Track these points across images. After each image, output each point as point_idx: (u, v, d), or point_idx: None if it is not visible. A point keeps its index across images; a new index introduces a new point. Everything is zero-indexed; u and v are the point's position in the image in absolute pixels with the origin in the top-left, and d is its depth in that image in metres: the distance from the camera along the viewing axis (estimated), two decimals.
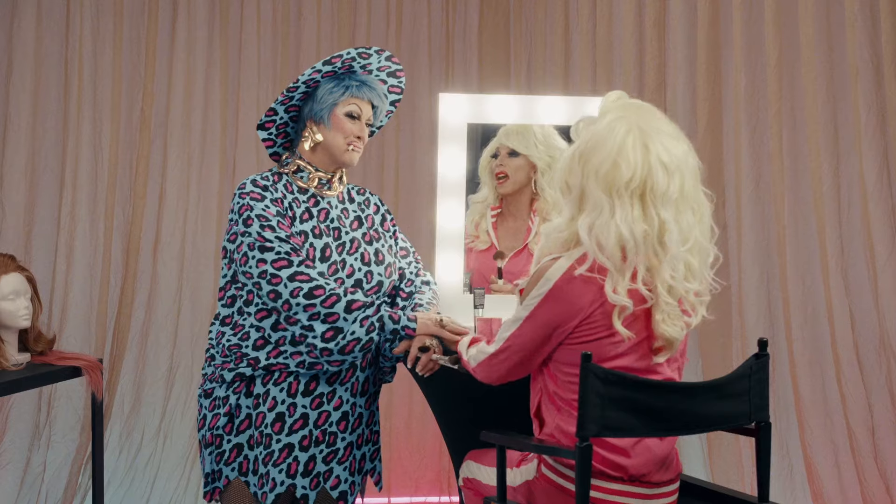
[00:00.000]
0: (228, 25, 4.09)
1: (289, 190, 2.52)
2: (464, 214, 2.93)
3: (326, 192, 2.56)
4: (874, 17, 3.68)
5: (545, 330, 2.08)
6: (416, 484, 4.12)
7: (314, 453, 2.48)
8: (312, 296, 2.34)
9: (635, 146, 2.01)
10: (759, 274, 3.85)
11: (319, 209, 2.54)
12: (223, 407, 2.47)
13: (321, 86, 2.51)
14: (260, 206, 2.42)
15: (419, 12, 4.20)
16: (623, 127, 2.03)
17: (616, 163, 2.00)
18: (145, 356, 4.00)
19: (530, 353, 2.13)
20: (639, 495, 2.10)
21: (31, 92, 3.96)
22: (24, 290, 3.01)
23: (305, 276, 2.36)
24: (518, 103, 2.95)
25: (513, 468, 2.25)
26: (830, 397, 3.74)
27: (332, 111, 2.50)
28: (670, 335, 2.04)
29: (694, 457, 3.87)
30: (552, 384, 2.14)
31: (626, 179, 1.99)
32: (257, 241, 2.38)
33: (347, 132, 2.51)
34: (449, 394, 2.71)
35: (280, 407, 2.45)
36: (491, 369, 2.21)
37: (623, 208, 2.00)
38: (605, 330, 2.04)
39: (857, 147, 3.73)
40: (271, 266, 2.36)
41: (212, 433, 2.48)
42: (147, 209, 4.03)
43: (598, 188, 2.01)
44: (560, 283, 2.04)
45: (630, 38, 3.98)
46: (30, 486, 3.81)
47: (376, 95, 2.56)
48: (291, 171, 2.55)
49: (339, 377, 2.50)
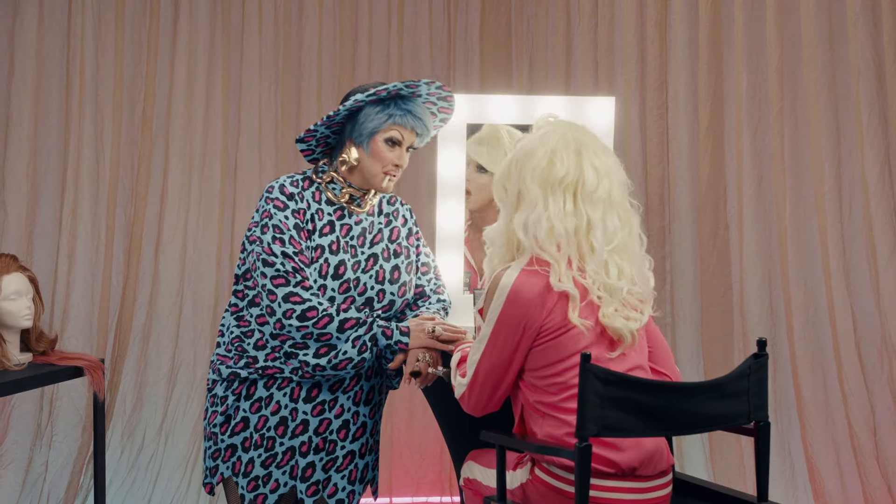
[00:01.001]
0: (230, 25, 4.10)
1: (316, 199, 2.48)
2: (463, 215, 2.93)
3: (355, 208, 2.52)
4: (876, 17, 3.68)
5: (514, 336, 2.11)
6: (418, 484, 4.12)
7: (313, 460, 2.49)
8: (305, 318, 2.35)
9: (568, 150, 2.15)
10: (761, 274, 3.85)
11: (342, 223, 2.50)
12: (220, 406, 2.48)
13: (365, 108, 2.44)
14: (279, 216, 2.40)
15: (420, 12, 4.20)
16: (556, 136, 2.18)
17: (551, 161, 2.14)
18: (147, 356, 4.00)
19: (503, 369, 2.15)
20: (633, 489, 2.11)
21: (33, 92, 3.96)
22: (25, 290, 3.01)
23: (298, 298, 2.35)
24: (518, 103, 2.94)
25: (509, 471, 2.25)
26: (832, 397, 3.74)
27: (373, 137, 2.44)
28: (615, 326, 2.10)
29: (695, 456, 3.87)
30: (532, 394, 2.16)
31: (561, 176, 2.12)
32: (264, 251, 2.38)
33: (386, 161, 2.45)
34: (449, 394, 2.70)
35: (283, 411, 2.46)
36: (471, 398, 2.22)
37: (556, 202, 2.12)
38: (563, 325, 2.09)
39: (859, 147, 3.73)
40: (270, 282, 2.36)
41: (209, 429, 2.50)
42: (148, 209, 4.03)
43: (535, 184, 2.13)
44: (516, 285, 2.10)
45: (631, 38, 3.98)
46: (31, 485, 3.82)
47: (421, 124, 2.47)
48: (325, 181, 2.50)
49: (341, 385, 2.51)
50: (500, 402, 2.22)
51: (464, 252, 2.99)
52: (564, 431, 2.08)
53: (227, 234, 4.09)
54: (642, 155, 3.98)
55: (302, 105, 4.13)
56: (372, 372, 2.58)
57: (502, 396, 2.20)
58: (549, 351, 2.10)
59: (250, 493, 2.47)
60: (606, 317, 2.10)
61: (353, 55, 4.15)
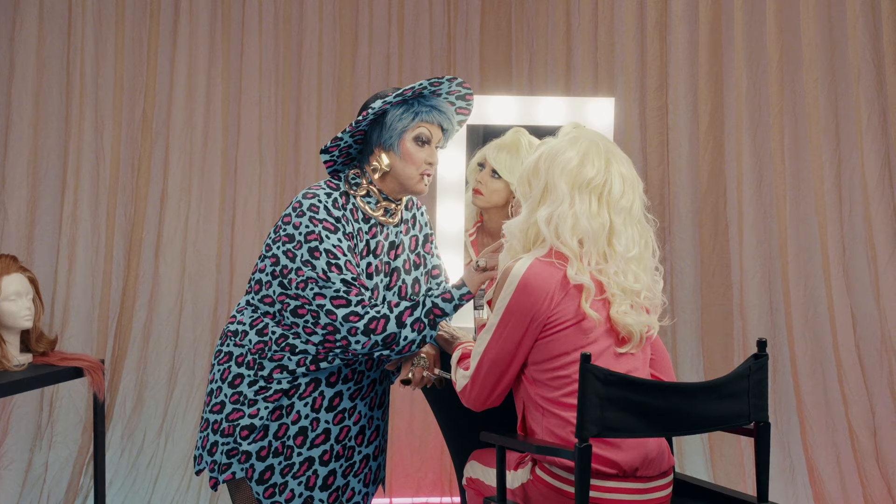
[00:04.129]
0: (230, 26, 4.10)
1: (354, 217, 2.45)
2: (463, 215, 2.93)
3: (388, 219, 2.51)
4: (875, 18, 3.68)
5: (522, 325, 2.11)
6: (418, 485, 4.12)
7: (334, 468, 2.49)
8: (369, 330, 2.33)
9: (599, 155, 2.16)
10: (761, 274, 3.85)
11: (376, 241, 2.48)
12: (248, 408, 2.44)
13: (390, 111, 2.42)
14: (332, 240, 2.36)
15: (421, 12, 4.20)
16: (587, 140, 2.19)
17: (582, 161, 2.15)
18: (147, 357, 4.00)
19: (507, 360, 2.15)
20: (634, 490, 2.11)
21: (34, 93, 3.97)
22: (26, 291, 3.02)
23: (357, 316, 2.33)
24: (518, 104, 2.95)
25: (510, 471, 2.25)
26: (832, 398, 3.74)
27: (402, 138, 2.42)
28: (626, 322, 2.11)
29: (695, 457, 3.87)
30: (533, 389, 2.16)
31: (590, 177, 2.14)
32: (320, 278, 2.33)
33: (419, 162, 2.44)
34: (450, 395, 2.71)
35: (303, 421, 2.44)
36: (473, 390, 2.21)
37: (582, 202, 2.13)
38: (573, 318, 2.09)
39: (859, 147, 3.73)
40: (329, 302, 2.33)
41: (231, 424, 2.43)
42: (149, 209, 4.04)
43: (563, 181, 2.14)
44: (527, 275, 2.11)
45: (631, 38, 3.98)
46: (32, 486, 3.82)
47: (446, 119, 2.47)
48: (360, 194, 2.47)
49: (360, 392, 2.52)
50: (501, 397, 2.21)
51: (468, 253, 3.00)
52: (567, 430, 2.08)
53: (227, 235, 4.09)
54: (642, 156, 3.98)
55: (302, 105, 4.13)
56: (384, 376, 2.59)
57: (504, 391, 2.20)
58: (553, 344, 2.10)
59: (267, 500, 2.44)
60: (618, 313, 2.11)
61: (353, 56, 4.15)
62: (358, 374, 2.51)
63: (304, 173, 4.10)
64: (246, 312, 2.48)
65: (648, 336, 2.19)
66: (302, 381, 2.44)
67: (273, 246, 2.41)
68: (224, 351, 2.49)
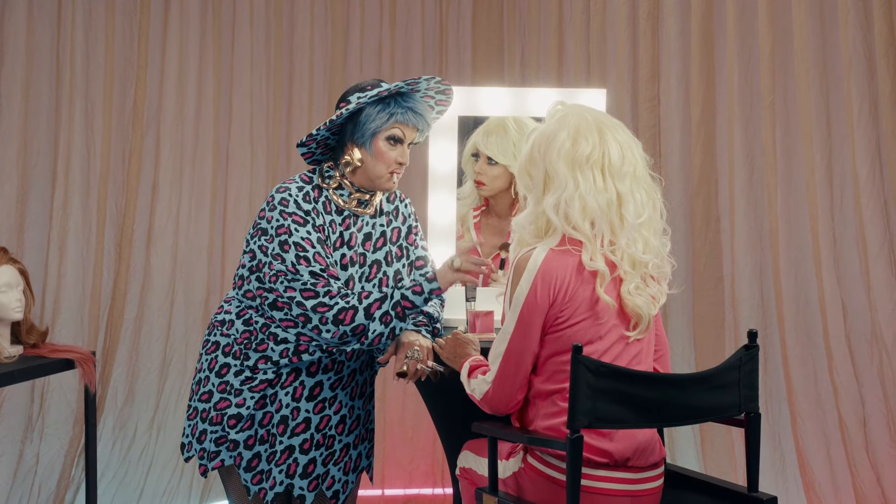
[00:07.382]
0: (221, 17, 4.08)
1: (326, 210, 2.46)
2: (455, 207, 2.93)
3: (362, 210, 2.52)
4: (867, 10, 3.68)
5: (541, 317, 2.10)
6: (410, 477, 4.12)
7: (314, 456, 2.51)
8: (338, 321, 2.33)
9: (590, 128, 2.16)
10: (752, 265, 3.85)
11: (350, 233, 2.49)
12: (234, 397, 2.46)
13: (366, 108, 2.43)
14: (301, 233, 2.37)
15: (413, 5, 4.19)
16: (575, 116, 2.18)
17: (576, 140, 2.14)
18: (138, 348, 4.00)
19: (529, 354, 2.14)
20: (625, 480, 2.12)
21: (23, 83, 3.94)
22: (16, 283, 3.00)
23: (326, 307, 2.33)
24: (510, 95, 2.95)
25: (502, 461, 2.26)
26: (822, 388, 3.75)
27: (375, 138, 2.43)
28: (637, 304, 2.12)
29: (686, 448, 3.89)
30: (535, 380, 2.16)
31: (587, 153, 2.13)
32: (289, 270, 2.34)
33: (389, 161, 2.44)
34: (442, 387, 2.71)
35: (284, 410, 2.48)
36: (496, 393, 2.18)
37: (585, 180, 2.12)
38: (587, 308, 2.10)
39: (850, 139, 3.73)
40: (300, 294, 2.34)
41: (219, 413, 2.47)
42: (140, 201, 4.02)
43: (561, 164, 2.13)
44: (544, 265, 2.10)
45: (623, 30, 3.97)
46: (23, 478, 3.81)
47: (422, 120, 2.47)
48: (332, 186, 2.48)
49: (341, 382, 2.54)
50: (522, 394, 2.18)
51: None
52: (561, 420, 2.08)
53: (218, 227, 4.08)
54: None
55: (293, 97, 4.12)
56: (365, 365, 2.60)
57: (523, 387, 2.18)
58: (567, 338, 2.10)
59: (255, 486, 2.49)
60: (629, 293, 2.12)
61: (344, 47, 4.14)
62: (338, 364, 2.53)
63: (295, 165, 4.09)
64: (233, 303, 2.52)
65: (656, 317, 2.20)
66: (284, 371, 2.46)
67: (251, 241, 2.44)
68: (212, 340, 2.52)
